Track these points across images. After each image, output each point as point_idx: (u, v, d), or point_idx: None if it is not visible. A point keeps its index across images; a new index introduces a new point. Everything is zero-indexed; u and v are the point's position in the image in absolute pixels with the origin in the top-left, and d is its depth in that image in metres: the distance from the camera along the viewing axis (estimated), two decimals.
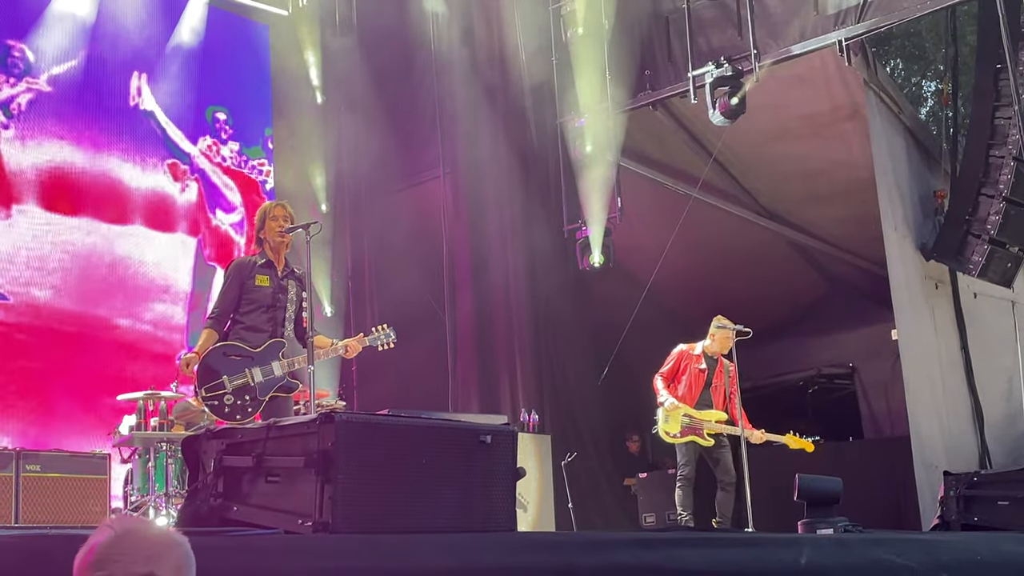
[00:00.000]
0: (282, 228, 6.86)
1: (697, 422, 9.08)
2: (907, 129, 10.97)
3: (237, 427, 5.20)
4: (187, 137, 12.40)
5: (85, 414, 10.68)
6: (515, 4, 12.26)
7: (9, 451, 8.55)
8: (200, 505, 4.44)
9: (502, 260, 12.28)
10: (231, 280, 6.78)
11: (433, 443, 4.40)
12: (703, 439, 9.09)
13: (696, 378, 9.22)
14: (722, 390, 9.23)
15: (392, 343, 7.18)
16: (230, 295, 6.74)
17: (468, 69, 12.56)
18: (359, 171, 13.29)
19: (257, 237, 6.97)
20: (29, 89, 11.09)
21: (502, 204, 12.38)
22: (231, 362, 6.52)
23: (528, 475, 8.24)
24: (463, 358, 12.37)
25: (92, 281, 11.21)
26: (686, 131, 12.17)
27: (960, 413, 10.59)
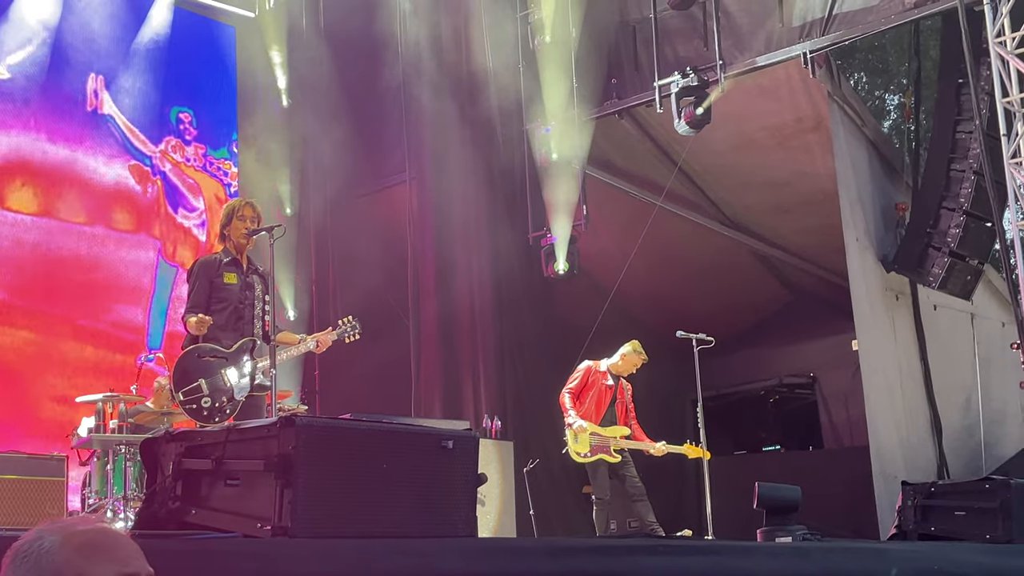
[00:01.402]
0: (248, 228, 6.81)
1: (604, 439, 9.28)
2: (870, 142, 11.06)
3: (197, 430, 5.16)
4: (150, 138, 12.31)
5: (43, 415, 10.58)
6: (483, 11, 12.26)
7: None
8: (158, 508, 4.40)
9: (467, 266, 12.27)
10: (199, 278, 6.70)
11: (395, 448, 4.38)
12: (611, 456, 9.27)
13: (603, 395, 9.40)
14: (624, 406, 9.44)
15: (358, 335, 7.16)
16: (202, 293, 6.67)
17: (435, 75, 12.54)
18: (324, 175, 13.24)
19: (221, 233, 6.89)
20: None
21: (467, 210, 12.36)
22: (206, 364, 6.47)
23: (490, 481, 8.25)
24: (426, 363, 12.34)
25: (52, 281, 11.12)
26: (652, 140, 12.22)
27: (919, 424, 10.68)
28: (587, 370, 9.49)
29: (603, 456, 9.26)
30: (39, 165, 11.26)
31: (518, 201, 12.36)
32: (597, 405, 9.34)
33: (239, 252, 6.85)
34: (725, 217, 13.18)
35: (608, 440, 9.26)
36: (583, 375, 9.47)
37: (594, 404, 9.35)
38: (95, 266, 11.49)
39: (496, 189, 12.42)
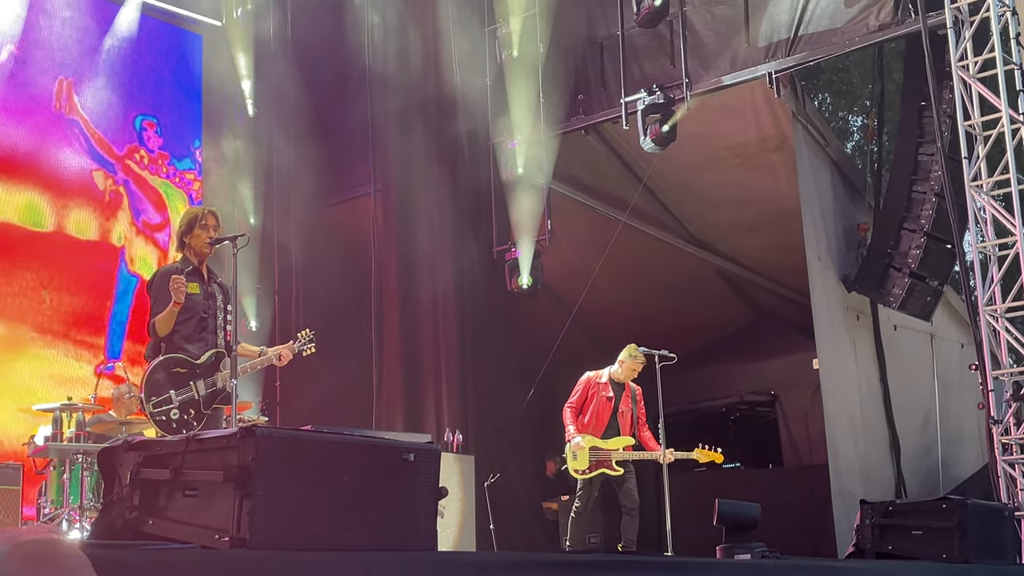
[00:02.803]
0: (211, 238, 6.75)
1: (604, 453, 9.19)
2: (833, 162, 11.16)
3: (156, 439, 5.11)
4: (114, 144, 12.23)
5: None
6: (451, 24, 12.27)
7: None
8: (115, 518, 4.35)
9: (431, 279, 12.25)
10: (161, 289, 6.57)
11: (356, 460, 4.36)
12: (612, 469, 9.19)
13: (603, 407, 9.31)
14: (629, 415, 9.34)
15: (313, 349, 7.11)
16: (166, 303, 6.55)
17: (402, 87, 12.54)
18: (289, 185, 13.19)
19: (180, 240, 6.79)
20: None
21: (432, 223, 12.35)
22: (176, 375, 6.40)
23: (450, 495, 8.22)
24: (388, 376, 12.30)
25: (10, 287, 10.99)
26: (617, 156, 12.27)
27: (877, 443, 10.77)
28: (586, 382, 9.41)
29: (604, 471, 9.17)
30: (2, 169, 11.14)
31: (483, 215, 12.36)
32: (598, 418, 9.26)
33: (200, 261, 6.78)
34: (689, 234, 13.24)
35: (609, 453, 9.16)
36: (583, 388, 9.39)
37: (595, 417, 9.27)
38: (55, 274, 11.37)
39: (461, 202, 12.42)
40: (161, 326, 6.44)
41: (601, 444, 9.21)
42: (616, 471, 9.16)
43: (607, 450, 9.19)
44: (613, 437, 9.24)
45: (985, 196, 8.79)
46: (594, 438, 9.22)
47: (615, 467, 9.17)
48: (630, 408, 9.36)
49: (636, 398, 9.41)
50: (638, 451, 9.21)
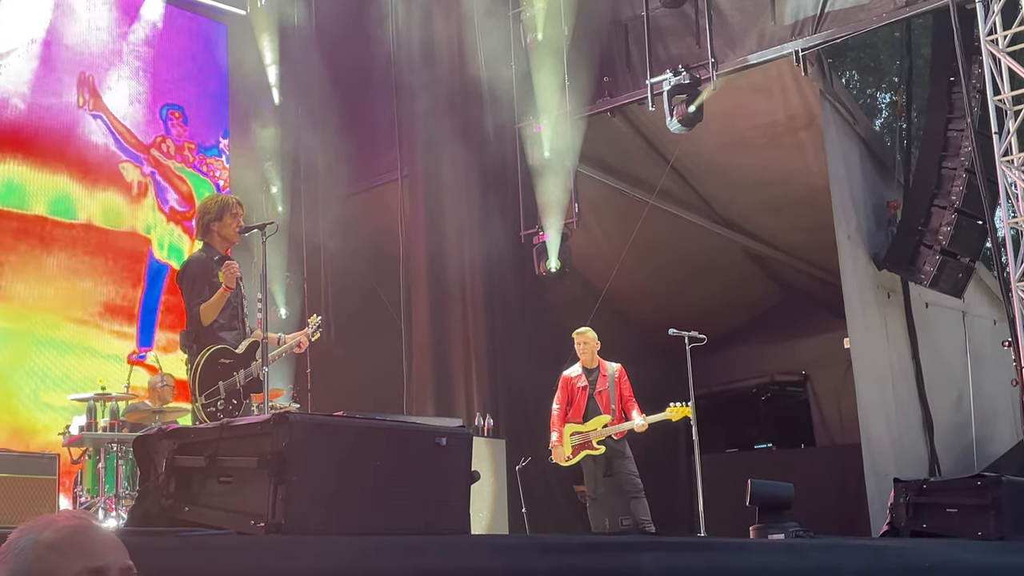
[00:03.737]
0: (240, 226, 6.76)
1: (584, 435, 9.38)
2: (861, 140, 11.08)
3: (190, 427, 5.14)
4: (141, 135, 12.29)
5: (34, 413, 10.55)
6: (475, 9, 12.25)
7: None
8: (151, 506, 4.39)
9: (459, 264, 12.26)
10: (198, 279, 6.53)
11: (388, 445, 4.38)
12: (593, 448, 9.34)
13: (580, 395, 9.53)
14: (606, 394, 9.47)
15: (319, 334, 7.12)
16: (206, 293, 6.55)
17: (427, 72, 12.53)
18: (316, 173, 13.22)
19: (207, 227, 6.72)
20: None
21: (459, 208, 12.35)
22: (223, 367, 6.41)
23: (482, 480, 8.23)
24: (418, 362, 12.33)
25: (42, 279, 11.08)
26: (644, 138, 12.22)
27: (910, 421, 10.71)
28: (563, 381, 9.67)
29: (587, 452, 9.34)
30: (29, 163, 11.22)
31: (510, 199, 12.36)
32: (576, 406, 9.50)
33: (226, 250, 6.78)
34: (717, 215, 13.19)
35: (588, 434, 9.36)
36: (560, 388, 9.65)
37: (575, 407, 9.51)
38: (86, 265, 11.46)
39: (488, 187, 12.42)
40: (207, 314, 6.43)
41: (580, 428, 9.43)
42: (597, 449, 9.33)
43: (586, 432, 9.39)
44: (592, 418, 9.42)
45: (1016, 171, 8.70)
46: (574, 424, 9.44)
47: (596, 446, 9.34)
48: (607, 388, 9.49)
49: (614, 376, 9.52)
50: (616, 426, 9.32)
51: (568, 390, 9.57)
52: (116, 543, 2.03)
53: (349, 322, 13.25)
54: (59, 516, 2.08)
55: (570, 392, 9.55)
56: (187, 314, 6.59)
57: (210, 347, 6.39)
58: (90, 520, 2.07)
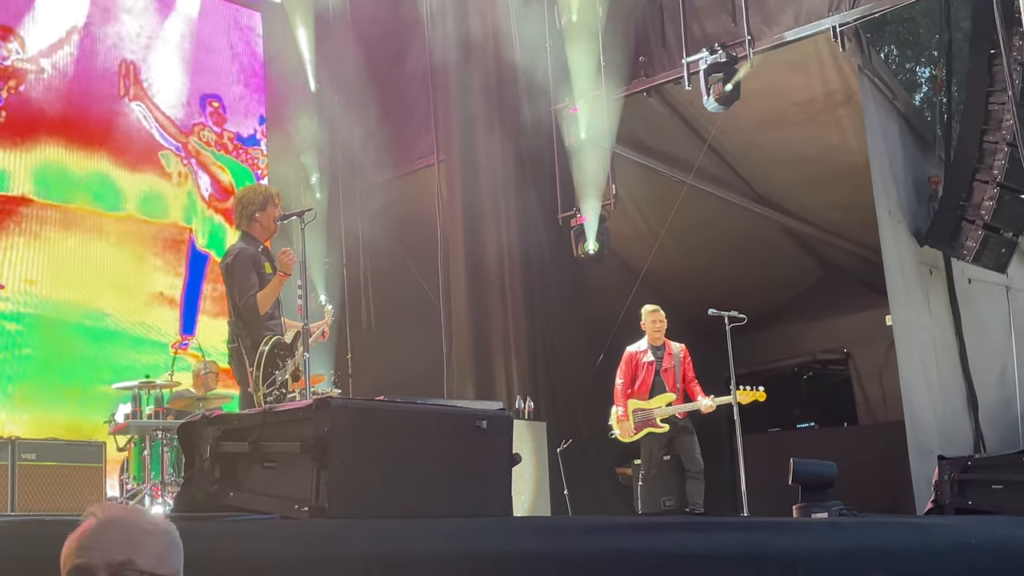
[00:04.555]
0: (280, 216, 6.82)
1: (647, 412, 9.32)
2: (901, 115, 10.97)
3: (233, 413, 5.19)
4: (180, 125, 12.38)
5: (81, 402, 10.67)
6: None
7: (4, 439, 8.53)
8: (196, 491, 4.44)
9: (497, 247, 12.26)
10: (248, 270, 6.55)
11: (429, 428, 4.40)
12: (657, 427, 9.30)
13: (647, 371, 9.47)
14: (673, 372, 9.44)
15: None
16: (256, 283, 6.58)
17: (462, 56, 12.52)
18: (353, 158, 13.25)
19: (251, 217, 6.75)
20: (20, 77, 11.05)
21: (496, 191, 12.35)
22: (278, 356, 6.47)
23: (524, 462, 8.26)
24: (458, 346, 12.36)
25: (87, 270, 11.20)
26: (680, 118, 12.16)
27: (954, 398, 10.61)
28: (627, 358, 9.59)
29: (650, 430, 9.30)
30: (71, 154, 11.32)
31: (547, 181, 12.34)
32: (643, 383, 9.43)
33: (265, 240, 6.82)
34: (756, 194, 13.11)
35: (652, 412, 9.32)
36: (625, 362, 9.58)
37: (640, 382, 9.44)
38: (128, 255, 11.56)
39: (524, 170, 12.40)
40: (265, 302, 6.47)
41: (643, 404, 9.38)
42: (661, 428, 9.29)
43: (649, 409, 9.34)
44: (656, 396, 9.38)
45: None
46: (637, 400, 9.37)
47: (659, 424, 9.30)
48: (673, 367, 9.45)
49: (679, 355, 9.51)
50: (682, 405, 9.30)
51: (633, 365, 9.52)
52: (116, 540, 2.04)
53: (388, 307, 13.31)
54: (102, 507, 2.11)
55: (635, 368, 9.50)
56: (232, 304, 6.62)
57: (268, 338, 6.43)
58: (106, 514, 2.08)
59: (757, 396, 9.24)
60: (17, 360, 10.52)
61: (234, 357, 6.61)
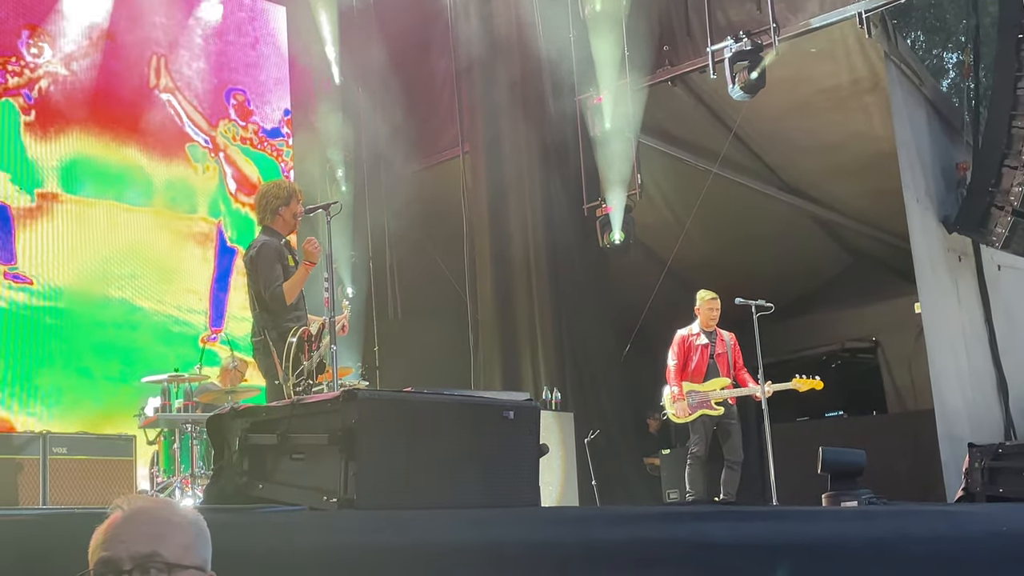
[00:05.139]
0: (302, 212, 6.86)
1: (703, 395, 9.30)
2: (928, 101, 10.89)
3: (261, 405, 5.21)
4: (207, 119, 12.43)
5: (110, 396, 10.75)
6: None
7: (36, 434, 8.61)
8: (225, 483, 4.46)
9: (522, 238, 12.27)
10: (273, 263, 6.59)
11: (456, 419, 4.41)
12: (712, 409, 9.28)
13: (701, 354, 9.44)
14: (726, 357, 9.45)
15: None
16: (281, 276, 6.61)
17: (486, 47, 12.52)
18: (378, 151, 13.28)
19: (275, 211, 6.78)
20: (48, 74, 11.13)
21: (522, 182, 12.36)
22: (305, 347, 6.50)
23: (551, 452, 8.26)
24: (485, 337, 12.38)
25: (115, 264, 11.27)
26: (705, 106, 12.12)
27: (984, 385, 10.54)
28: (679, 340, 9.55)
29: (704, 411, 9.29)
30: (100, 149, 11.39)
31: (572, 172, 12.33)
32: (697, 366, 9.42)
33: (288, 234, 6.84)
34: (782, 182, 13.05)
35: (707, 395, 9.31)
36: (678, 346, 9.53)
37: (695, 366, 9.43)
38: (156, 248, 11.63)
39: (549, 160, 12.40)
40: (291, 293, 6.52)
41: (698, 387, 9.35)
42: (716, 410, 9.27)
43: (704, 391, 9.32)
44: (711, 379, 9.36)
45: None
46: (692, 383, 9.34)
47: (714, 406, 9.28)
48: (726, 352, 9.46)
49: (730, 342, 9.51)
50: (736, 389, 9.29)
51: (686, 348, 9.49)
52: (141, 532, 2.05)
53: (415, 299, 13.34)
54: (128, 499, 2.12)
55: (688, 350, 9.48)
56: (257, 296, 6.65)
57: (295, 329, 6.46)
58: (132, 506, 2.09)
59: (814, 384, 9.28)
60: (47, 354, 10.59)
61: (259, 350, 6.64)
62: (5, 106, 10.80)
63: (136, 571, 2.02)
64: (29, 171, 10.84)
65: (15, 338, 10.45)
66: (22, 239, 10.66)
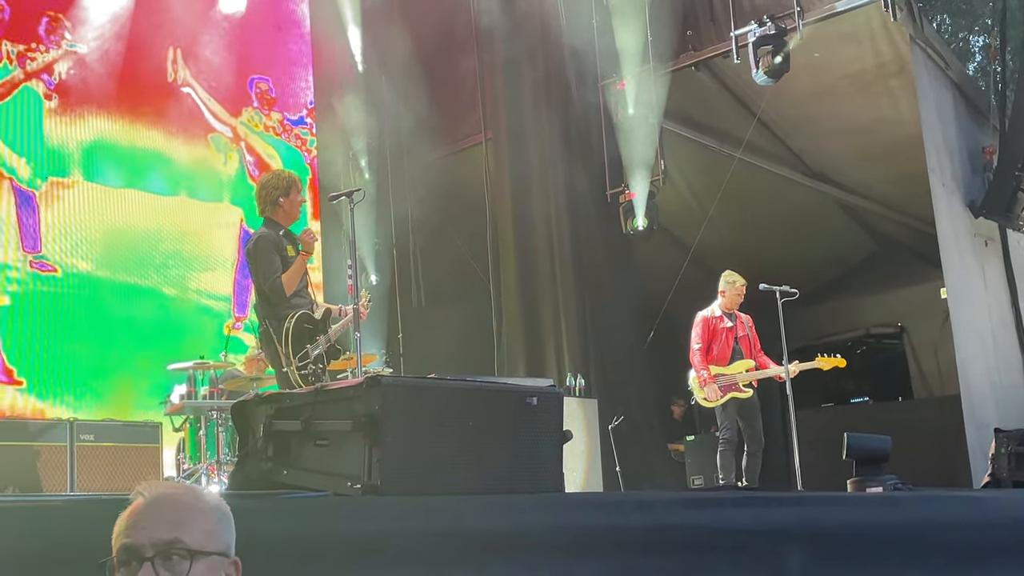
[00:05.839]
0: (303, 202, 6.89)
1: (730, 377, 9.18)
2: (955, 85, 10.81)
3: (286, 392, 5.23)
4: (229, 107, 12.46)
5: (135, 383, 10.81)
6: None
7: (63, 421, 8.67)
8: (250, 470, 4.48)
9: (545, 224, 12.26)
10: (269, 253, 6.61)
11: (480, 405, 4.41)
12: (741, 391, 9.15)
13: (726, 337, 9.30)
14: (748, 339, 9.34)
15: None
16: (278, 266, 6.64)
17: (508, 33, 12.49)
18: (401, 138, 13.29)
19: (275, 202, 6.77)
20: (70, 60, 11.17)
21: (544, 168, 12.34)
22: (307, 331, 6.52)
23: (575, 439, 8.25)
24: (508, 323, 12.38)
25: (140, 251, 11.33)
26: (729, 92, 12.06)
27: (1011, 370, 10.49)
28: (703, 322, 9.36)
29: (734, 395, 9.16)
30: (122, 138, 11.44)
31: (595, 158, 12.30)
32: (722, 349, 9.28)
33: (287, 224, 6.83)
34: (806, 167, 12.99)
35: (735, 377, 9.18)
36: (702, 328, 9.34)
37: (720, 348, 9.28)
38: (180, 236, 11.68)
39: (572, 146, 12.38)
40: (290, 283, 6.53)
41: (724, 370, 9.21)
42: (745, 393, 9.15)
43: (731, 374, 9.20)
44: (736, 362, 9.25)
45: None
46: (717, 366, 9.21)
47: (743, 388, 9.16)
48: (747, 334, 9.37)
49: (749, 324, 9.41)
50: (759, 372, 9.18)
51: (709, 330, 9.33)
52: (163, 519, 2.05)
53: (438, 285, 13.35)
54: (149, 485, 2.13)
55: (712, 333, 9.33)
56: (258, 288, 6.69)
57: (292, 314, 6.48)
58: (154, 492, 2.10)
59: (838, 363, 9.18)
60: (72, 342, 10.65)
61: (264, 339, 6.68)
62: (27, 92, 10.85)
63: (158, 558, 2.02)
64: (52, 158, 10.90)
65: (41, 325, 10.53)
66: (46, 226, 10.72)
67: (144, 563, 2.02)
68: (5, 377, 10.21)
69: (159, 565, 2.02)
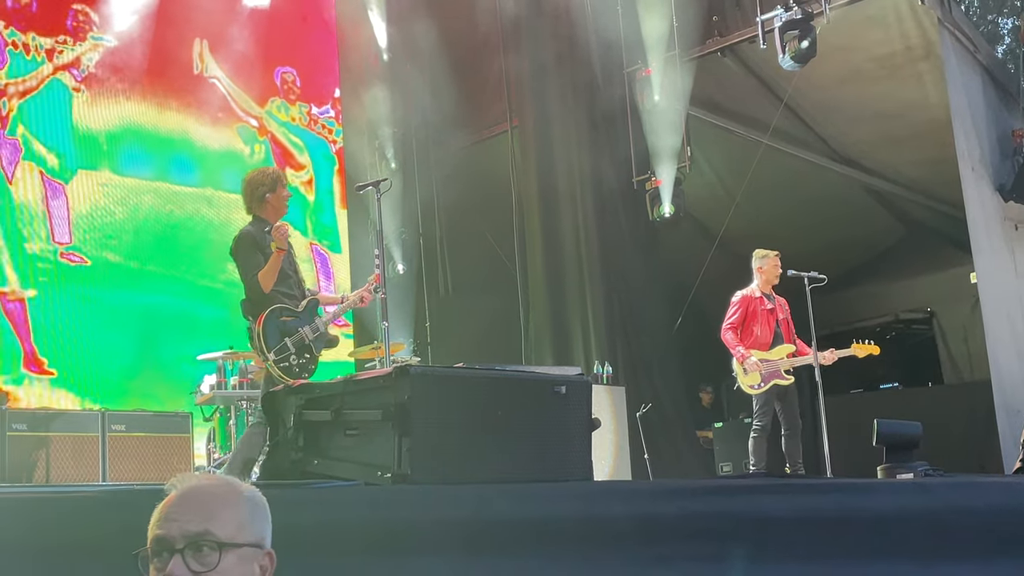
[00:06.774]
0: (289, 196, 6.89)
1: (772, 364, 8.89)
2: (983, 68, 10.72)
3: (315, 382, 5.25)
4: (256, 99, 12.49)
5: (166, 374, 10.88)
6: None
7: (94, 411, 8.74)
8: (281, 459, 4.51)
9: (572, 212, 12.24)
10: (249, 250, 6.61)
11: (508, 394, 4.42)
12: (783, 379, 8.89)
13: (767, 319, 9.02)
14: (787, 323, 9.09)
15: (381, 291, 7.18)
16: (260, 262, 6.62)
17: (534, 22, 12.47)
18: (427, 127, 13.30)
19: (261, 198, 6.78)
20: (98, 55, 11.22)
21: (571, 156, 12.32)
22: (284, 324, 6.53)
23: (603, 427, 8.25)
24: (536, 311, 12.38)
25: (168, 243, 11.39)
26: (756, 77, 12.00)
27: None
28: (743, 300, 9.05)
29: (776, 382, 8.87)
30: (150, 130, 11.50)
31: (621, 144, 12.26)
32: (764, 332, 8.98)
33: (276, 220, 6.82)
34: (834, 152, 12.91)
35: (777, 364, 8.88)
36: (741, 307, 9.03)
37: (762, 330, 8.98)
38: (208, 227, 11.73)
39: (598, 133, 12.35)
40: (266, 280, 6.51)
41: (767, 356, 8.92)
42: (787, 379, 8.88)
43: (774, 360, 8.91)
44: (777, 347, 8.98)
45: None
46: (758, 351, 8.92)
47: (785, 375, 8.89)
48: (786, 317, 9.12)
49: (786, 308, 9.17)
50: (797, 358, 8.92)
51: (748, 311, 9.02)
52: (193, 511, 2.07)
53: (465, 274, 13.37)
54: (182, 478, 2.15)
55: (753, 314, 9.01)
56: (245, 284, 6.71)
57: (267, 307, 6.48)
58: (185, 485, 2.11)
59: (872, 350, 8.98)
60: (103, 332, 10.72)
61: (249, 335, 6.68)
62: (55, 85, 10.92)
63: (188, 549, 2.04)
64: (81, 150, 10.96)
65: (72, 316, 10.60)
66: (75, 218, 10.80)
67: (175, 555, 2.04)
68: (36, 368, 10.29)
69: (189, 557, 2.04)
